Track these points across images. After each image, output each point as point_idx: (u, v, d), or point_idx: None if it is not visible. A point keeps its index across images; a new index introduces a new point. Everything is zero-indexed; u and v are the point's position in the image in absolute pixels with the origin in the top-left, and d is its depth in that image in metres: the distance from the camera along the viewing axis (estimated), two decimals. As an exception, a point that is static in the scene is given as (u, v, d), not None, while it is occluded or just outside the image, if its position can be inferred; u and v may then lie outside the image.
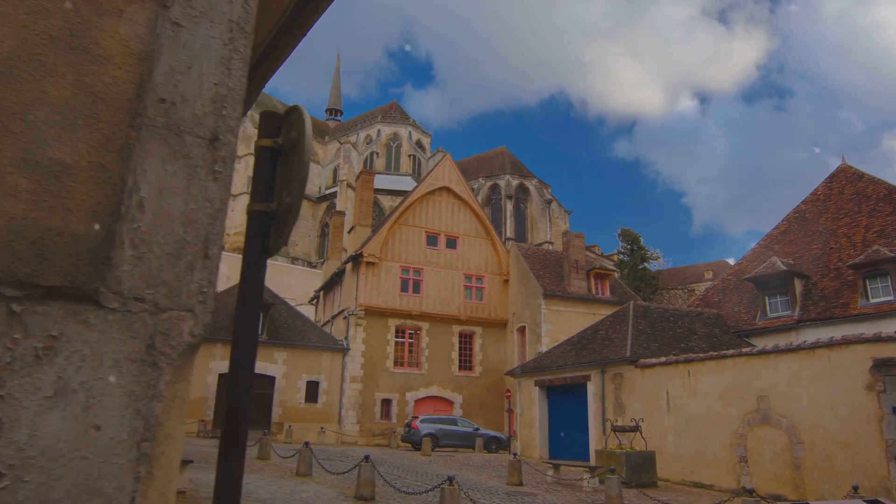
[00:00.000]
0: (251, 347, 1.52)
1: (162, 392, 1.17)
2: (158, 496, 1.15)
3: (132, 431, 1.12)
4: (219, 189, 1.32)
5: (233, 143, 1.36)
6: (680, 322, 22.82)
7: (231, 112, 1.37)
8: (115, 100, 1.23)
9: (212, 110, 1.34)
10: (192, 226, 1.26)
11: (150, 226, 1.21)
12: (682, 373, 17.82)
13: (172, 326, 1.21)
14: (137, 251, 1.19)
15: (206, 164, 1.31)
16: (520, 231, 66.96)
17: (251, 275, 1.56)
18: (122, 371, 1.14)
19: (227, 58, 1.39)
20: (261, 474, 13.98)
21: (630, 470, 15.83)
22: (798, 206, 27.11)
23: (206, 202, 1.29)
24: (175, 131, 1.28)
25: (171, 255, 1.23)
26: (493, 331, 34.80)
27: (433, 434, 25.27)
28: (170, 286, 1.22)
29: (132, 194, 1.20)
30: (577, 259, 32.99)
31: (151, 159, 1.24)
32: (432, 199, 35.38)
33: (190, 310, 1.23)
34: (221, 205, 1.31)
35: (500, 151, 76.19)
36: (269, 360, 30.18)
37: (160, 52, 1.30)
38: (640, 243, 55.92)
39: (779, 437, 14.84)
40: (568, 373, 22.25)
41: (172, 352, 1.20)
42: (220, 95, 1.36)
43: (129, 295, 1.17)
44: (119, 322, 1.15)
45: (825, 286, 22.59)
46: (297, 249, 69.76)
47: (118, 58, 1.25)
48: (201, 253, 1.27)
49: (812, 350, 14.58)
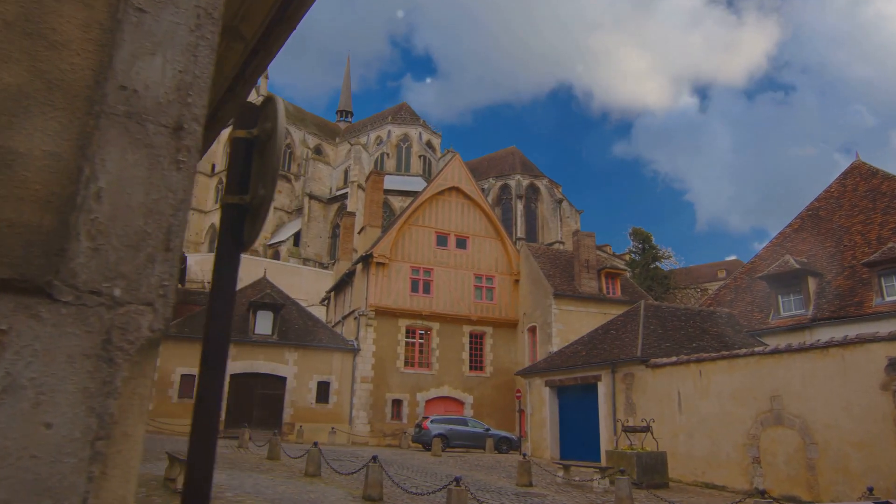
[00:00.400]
0: (223, 344, 1.48)
1: (118, 389, 1.13)
2: (114, 497, 1.11)
3: (85, 429, 1.08)
4: (182, 179, 1.27)
5: (198, 131, 1.31)
6: (691, 321, 22.61)
7: (197, 100, 1.33)
8: (73, 87, 1.20)
9: (176, 98, 1.30)
10: (154, 217, 1.22)
11: (108, 217, 1.17)
12: (694, 373, 17.64)
13: (131, 321, 1.16)
14: (94, 243, 1.15)
15: (169, 154, 1.27)
16: (530, 231, 66.78)
17: (225, 270, 1.52)
18: (76, 367, 1.09)
19: (194, 45, 1.35)
20: (270, 474, 13.99)
21: (641, 471, 15.70)
22: (811, 203, 26.81)
23: (169, 193, 1.25)
24: (137, 120, 1.24)
25: (130, 248, 1.18)
26: (503, 331, 34.68)
27: (443, 434, 25.22)
28: (128, 279, 1.17)
29: (89, 184, 1.16)
30: (588, 258, 32.81)
31: (111, 148, 1.20)
32: (442, 199, 35.34)
33: (150, 304, 1.19)
34: (185, 195, 1.27)
35: (511, 151, 76.04)
36: (280, 360, 30.27)
37: (122, 39, 1.26)
38: (652, 242, 55.55)
39: (792, 438, 14.64)
40: (578, 373, 22.12)
41: (130, 347, 1.16)
42: (186, 83, 1.32)
43: (85, 288, 1.13)
44: (73, 316, 1.11)
45: (839, 284, 22.30)
46: (308, 250, 70.01)
47: (76, 44, 1.21)
48: (163, 245, 1.22)
49: (826, 349, 14.37)
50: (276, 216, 74.95)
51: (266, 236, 71.91)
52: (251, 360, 29.75)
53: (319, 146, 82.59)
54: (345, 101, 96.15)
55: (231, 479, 12.47)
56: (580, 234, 35.05)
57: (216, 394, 1.45)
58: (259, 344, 29.97)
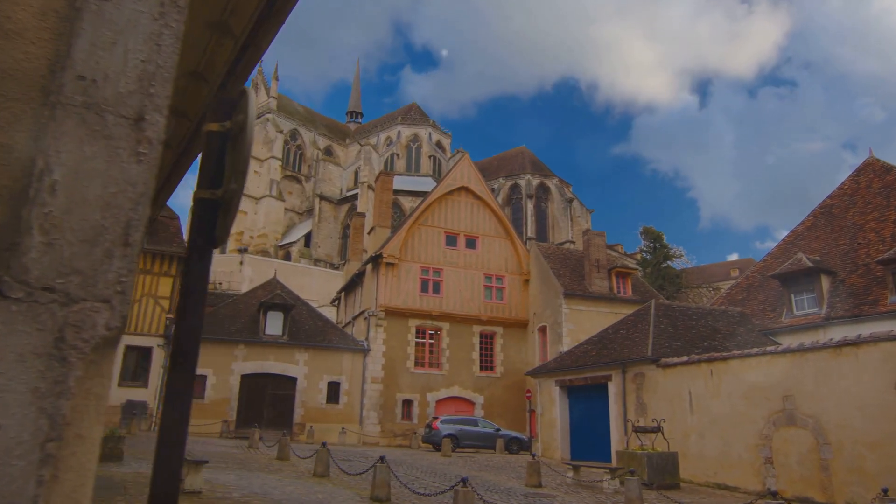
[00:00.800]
0: (194, 343, 1.44)
1: (71, 389, 1.09)
2: (66, 501, 1.07)
3: (35, 431, 1.04)
4: (143, 172, 1.23)
5: (160, 122, 1.27)
6: (703, 321, 22.40)
7: (160, 90, 1.28)
8: (27, 77, 1.16)
9: (137, 88, 1.26)
10: (112, 211, 1.18)
11: (63, 211, 1.13)
12: (705, 372, 17.48)
13: (85, 318, 1.12)
14: (48, 237, 1.11)
15: (129, 146, 1.22)
16: (541, 230, 66.57)
17: (196, 267, 1.48)
18: (26, 366, 1.05)
19: (157, 33, 1.31)
20: (278, 475, 14.00)
21: (652, 471, 15.57)
22: (824, 200, 26.48)
23: (129, 186, 1.21)
24: (95, 110, 1.20)
25: (86, 243, 1.14)
26: (514, 331, 34.57)
27: (453, 435, 25.16)
28: (84, 275, 1.13)
29: (43, 177, 1.12)
30: (598, 258, 32.63)
31: (67, 140, 1.16)
32: (451, 199, 35.29)
33: (106, 301, 1.15)
34: (145, 188, 1.23)
35: (520, 151, 75.87)
36: (290, 361, 30.35)
37: (81, 27, 1.22)
38: (663, 241, 55.22)
39: (805, 438, 14.45)
40: (588, 373, 21.99)
41: (85, 346, 1.11)
42: (148, 73, 1.28)
43: (37, 284, 1.09)
44: (24, 313, 1.07)
45: (853, 283, 22.01)
46: (319, 251, 70.22)
47: (31, 32, 1.17)
48: (121, 240, 1.18)
49: (839, 348, 14.17)
50: (287, 217, 75.25)
51: (277, 237, 72.21)
52: (262, 361, 29.85)
53: (330, 147, 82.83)
54: (354, 102, 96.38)
55: (239, 480, 12.48)
56: (590, 233, 34.87)
57: (186, 394, 1.41)
58: (270, 344, 30.06)
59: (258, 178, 73.45)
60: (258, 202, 72.62)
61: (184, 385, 1.41)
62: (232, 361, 29.36)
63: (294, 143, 79.19)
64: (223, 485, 11.52)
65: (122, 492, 9.86)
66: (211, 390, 28.73)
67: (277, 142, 74.95)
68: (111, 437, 13.69)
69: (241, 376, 29.41)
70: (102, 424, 1.17)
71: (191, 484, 10.03)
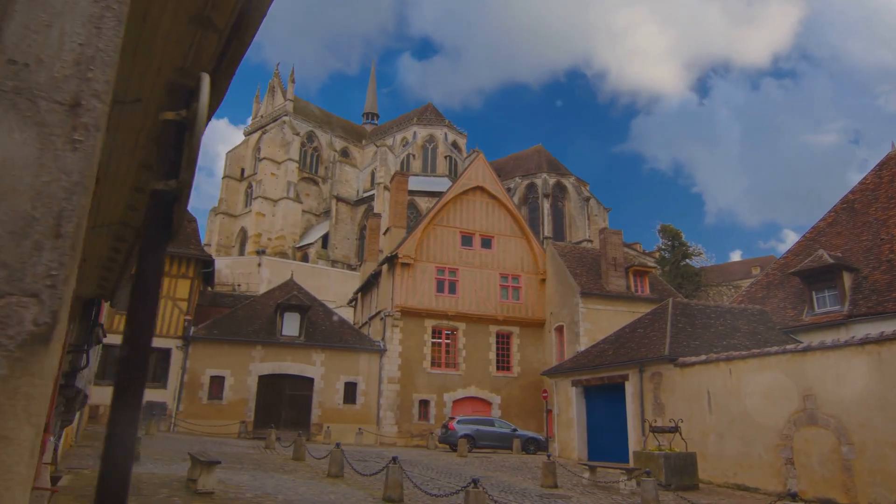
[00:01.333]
0: (146, 336, 1.38)
1: (-6, 388, 1.03)
2: (-13, 507, 1.01)
3: (-49, 433, 0.99)
4: (79, 160, 1.17)
5: (98, 109, 1.21)
6: (721, 319, 22.07)
7: (98, 75, 1.22)
8: (-48, 61, 1.10)
9: (74, 73, 1.20)
10: (43, 201, 1.12)
11: (-12, 201, 1.07)
12: (724, 371, 17.21)
13: (11, 314, 1.06)
14: (-29, 229, 1.05)
15: (63, 133, 1.17)
16: (558, 230, 66.21)
17: (150, 261, 1.42)
18: (-56, 364, 1.00)
19: (97, 16, 1.25)
20: (293, 475, 14.02)
21: (670, 472, 15.36)
22: (846, 196, 25.97)
23: (62, 175, 1.15)
24: (27, 96, 1.14)
25: (13, 234, 1.09)
26: (530, 330, 34.39)
27: (470, 435, 25.07)
28: (10, 268, 1.07)
29: (-32, 165, 1.07)
30: (615, 256, 32.35)
31: (-4, 127, 1.11)
32: (466, 198, 35.21)
33: (35, 295, 1.09)
34: (81, 178, 1.17)
35: (537, 150, 75.54)
36: (307, 361, 30.47)
37: (14, 9, 1.16)
38: (682, 239, 54.63)
39: (827, 438, 14.15)
40: (605, 372, 21.78)
41: (10, 343, 1.05)
42: (86, 57, 1.22)
43: (-41, 278, 1.03)
44: (-57, 309, 1.01)
45: (876, 279, 21.55)
46: (336, 252, 70.53)
47: (-42, 15, 1.12)
48: (52, 231, 1.12)
49: (861, 346, 13.85)
50: (305, 219, 75.70)
51: (295, 239, 72.66)
52: (279, 362, 30.01)
53: (346, 149, 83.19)
54: (370, 103, 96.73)
55: (253, 480, 12.51)
56: (607, 231, 34.58)
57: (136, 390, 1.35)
58: (287, 345, 30.21)
59: (276, 180, 73.99)
60: (276, 204, 73.13)
61: (134, 382, 1.35)
62: (249, 362, 29.55)
63: (311, 146, 79.65)
64: (236, 485, 11.55)
65: (136, 492, 9.91)
66: (229, 391, 28.94)
67: (294, 144, 75.43)
68: (127, 438, 13.78)
69: (259, 377, 29.60)
70: (36, 426, 1.11)
71: (203, 484, 10.05)
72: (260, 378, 29.61)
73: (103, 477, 1.29)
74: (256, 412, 29.12)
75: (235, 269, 55.03)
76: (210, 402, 28.54)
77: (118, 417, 1.32)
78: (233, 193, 78.49)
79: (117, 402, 1.33)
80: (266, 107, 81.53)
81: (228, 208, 77.25)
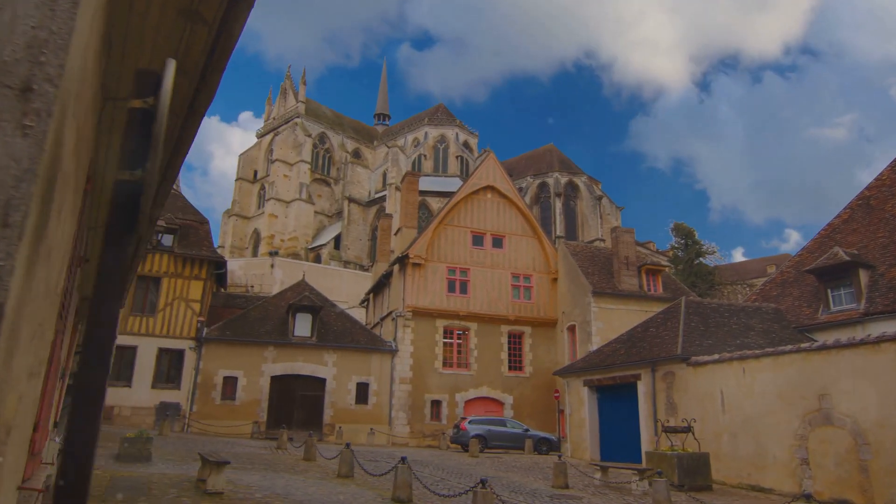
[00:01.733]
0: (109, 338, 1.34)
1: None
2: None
3: None
4: (29, 147, 1.13)
5: (51, 93, 1.17)
6: (735, 318, 21.82)
7: (52, 59, 1.19)
8: None
9: (25, 56, 1.16)
10: (-10, 188, 1.08)
11: (-68, 188, 1.04)
12: (737, 371, 17.00)
13: (-46, 305, 1.03)
14: (-87, 217, 1.01)
15: (13, 118, 1.13)
16: (570, 229, 65.94)
17: (112, 254, 1.38)
18: None
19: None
20: (303, 475, 14.03)
21: (682, 472, 15.20)
22: (861, 192, 25.58)
23: (11, 161, 1.11)
24: (-26, 80, 1.11)
25: (-43, 222, 1.05)
26: (542, 330, 34.25)
27: (482, 435, 25.00)
28: (-47, 258, 1.04)
29: None
30: (627, 255, 32.12)
31: (-59, 112, 1.07)
32: (477, 198, 35.13)
33: (-21, 285, 1.05)
34: (31, 164, 1.13)
35: (548, 149, 75.30)
36: (319, 362, 30.54)
37: (-38, -8, 1.13)
38: (695, 237, 54.15)
39: (843, 438, 13.92)
40: (617, 372, 21.61)
41: (-48, 334, 1.02)
42: (39, 40, 1.18)
43: None
44: None
45: (893, 276, 21.19)
46: (349, 253, 70.72)
47: None
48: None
49: (877, 344, 13.62)
50: (317, 220, 76.00)
51: (307, 240, 72.94)
52: (291, 362, 30.10)
53: (358, 150, 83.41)
54: (382, 104, 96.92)
55: (263, 480, 12.53)
56: (618, 230, 34.35)
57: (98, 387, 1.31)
58: (299, 346, 30.30)
59: (288, 181, 74.33)
60: (288, 206, 73.48)
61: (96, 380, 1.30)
62: (262, 363, 29.67)
63: (322, 147, 79.95)
64: (246, 485, 11.57)
65: (145, 492, 9.95)
66: (242, 392, 29.07)
67: (306, 146, 75.75)
68: (139, 438, 13.87)
69: (272, 378, 29.72)
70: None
71: (213, 484, 10.07)
72: (272, 379, 29.73)
73: (64, 471, 1.25)
74: (269, 413, 29.24)
75: (248, 271, 55.31)
76: (223, 402, 28.68)
77: (76, 420, 1.27)
78: (246, 195, 78.97)
79: (76, 402, 1.29)
80: (278, 109, 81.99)
81: (241, 210, 77.73)
